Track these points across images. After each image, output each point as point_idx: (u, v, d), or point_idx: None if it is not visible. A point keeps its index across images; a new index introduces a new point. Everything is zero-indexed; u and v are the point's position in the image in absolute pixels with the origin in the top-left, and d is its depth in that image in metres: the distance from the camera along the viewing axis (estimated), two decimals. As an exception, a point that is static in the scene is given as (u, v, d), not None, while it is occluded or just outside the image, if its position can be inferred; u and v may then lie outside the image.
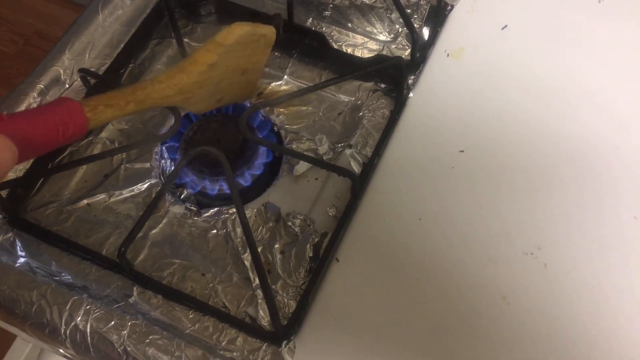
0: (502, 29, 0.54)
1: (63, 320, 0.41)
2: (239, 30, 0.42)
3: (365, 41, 0.55)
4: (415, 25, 0.55)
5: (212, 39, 0.42)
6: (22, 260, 0.44)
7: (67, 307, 0.41)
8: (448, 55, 0.53)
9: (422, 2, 0.56)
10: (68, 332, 0.41)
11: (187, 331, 0.41)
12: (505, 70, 0.52)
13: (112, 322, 0.40)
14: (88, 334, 0.40)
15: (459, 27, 0.54)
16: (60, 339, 0.41)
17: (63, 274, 0.43)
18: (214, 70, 0.43)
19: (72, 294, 0.41)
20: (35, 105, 0.49)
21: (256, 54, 0.46)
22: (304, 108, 0.52)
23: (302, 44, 0.55)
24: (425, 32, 0.54)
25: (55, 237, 0.45)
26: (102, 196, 0.48)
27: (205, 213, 0.47)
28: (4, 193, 0.45)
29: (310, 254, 0.45)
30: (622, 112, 0.50)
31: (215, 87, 0.44)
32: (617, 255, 0.43)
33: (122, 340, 0.40)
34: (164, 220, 0.47)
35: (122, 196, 0.48)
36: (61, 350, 0.43)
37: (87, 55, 0.52)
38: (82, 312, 0.41)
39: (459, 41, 0.53)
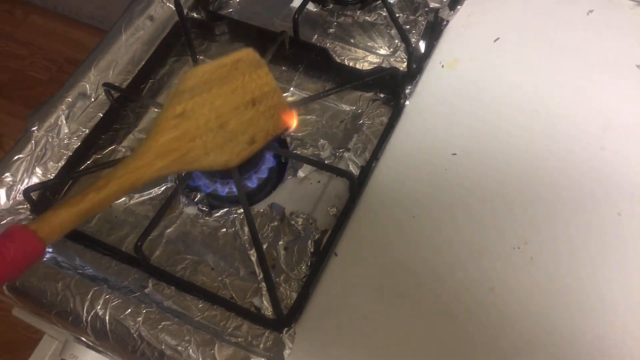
0: (495, 41, 0.57)
1: (85, 309, 0.45)
2: (195, 72, 0.41)
3: (366, 55, 0.59)
4: (412, 39, 0.59)
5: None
6: (48, 255, 0.48)
7: (89, 296, 0.45)
8: (443, 66, 0.56)
9: (420, 18, 0.60)
10: (89, 319, 0.45)
11: (197, 319, 0.44)
12: (498, 80, 0.55)
13: (129, 310, 0.44)
14: (107, 321, 0.44)
15: (453, 40, 0.58)
16: (82, 326, 0.45)
17: (86, 268, 0.47)
18: (192, 118, 0.40)
19: (93, 285, 0.45)
20: (63, 117, 0.54)
21: (253, 80, 0.44)
22: (308, 117, 0.56)
23: (308, 59, 0.59)
24: (422, 46, 0.58)
25: (80, 235, 0.49)
26: (122, 199, 0.53)
27: (215, 213, 0.51)
28: (34, 196, 0.50)
29: (312, 250, 0.48)
30: (609, 115, 0.52)
31: (221, 133, 0.42)
32: (600, 250, 0.46)
33: (137, 326, 0.44)
34: (179, 221, 0.51)
35: (141, 199, 0.53)
36: (83, 339, 0.47)
37: (111, 72, 0.57)
38: (102, 301, 0.45)
39: (454, 53, 0.57)
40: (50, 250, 0.48)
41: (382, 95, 0.57)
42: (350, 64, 0.58)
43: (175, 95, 0.40)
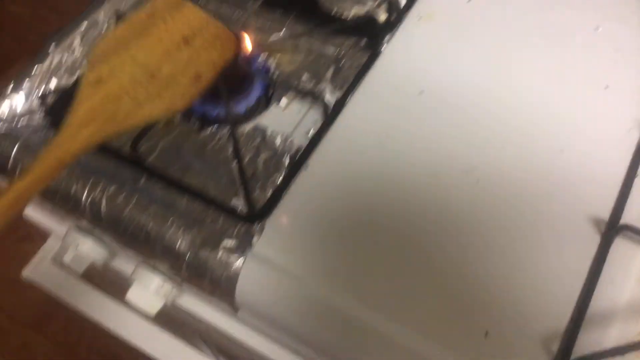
0: (468, 1, 0.64)
1: (84, 193, 0.52)
2: (106, 36, 0.43)
3: (354, 5, 0.65)
4: (396, -6, 0.65)
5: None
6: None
7: (89, 183, 0.52)
8: (420, 18, 0.63)
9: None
10: (88, 203, 0.52)
11: (181, 209, 0.51)
12: (466, 36, 0.61)
13: (122, 197, 0.51)
14: (103, 205, 0.51)
15: (432, -3, 0.64)
16: (81, 209, 0.52)
17: (89, 163, 0.54)
18: (111, 80, 0.41)
19: (93, 175, 0.52)
20: (78, 40, 0.61)
21: (178, 21, 0.44)
22: (294, 57, 0.63)
23: (299, 5, 0.66)
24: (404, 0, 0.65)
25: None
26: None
27: (206, 131, 0.58)
28: (50, 101, 0.57)
29: (287, 163, 0.55)
30: (562, 73, 0.58)
31: (154, 82, 0.42)
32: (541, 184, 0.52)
33: (128, 210, 0.50)
34: (173, 134, 0.58)
35: (141, 114, 0.59)
36: (83, 223, 0.54)
37: (123, 3, 0.64)
38: (99, 187, 0.52)
39: (431, 8, 0.63)
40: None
41: (363, 42, 0.63)
42: (338, 13, 0.65)
43: (88, 65, 0.42)
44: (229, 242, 0.48)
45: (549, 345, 0.44)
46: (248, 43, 0.55)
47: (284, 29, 0.65)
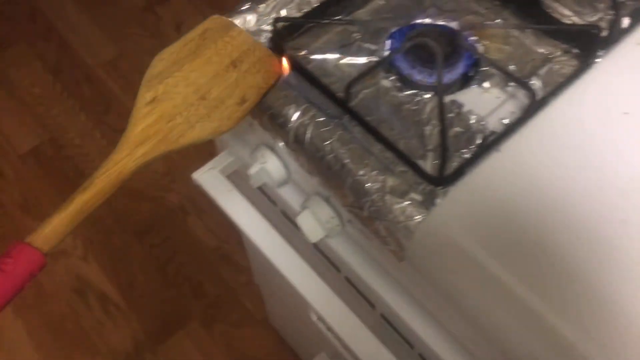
0: (695, 38, 0.62)
1: (295, 116, 0.56)
2: (160, 57, 0.44)
3: (575, 13, 0.66)
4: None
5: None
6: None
7: (302, 108, 0.56)
8: (638, 44, 0.62)
9: (629, 2, 0.66)
10: (295, 125, 0.56)
11: (375, 154, 0.55)
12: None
13: (328, 128, 0.56)
14: (308, 131, 0.56)
15: (656, 26, 0.64)
16: (287, 129, 0.57)
17: (305, 90, 0.59)
18: (166, 99, 0.43)
19: (308, 102, 0.57)
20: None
21: (227, 43, 0.45)
22: (504, 47, 0.65)
23: (519, 1, 0.67)
24: (626, 21, 0.64)
25: (305, 71, 0.60)
26: (335, 56, 0.64)
27: (405, 91, 0.61)
28: (279, 26, 0.62)
29: (478, 142, 0.57)
30: None
31: (204, 103, 0.44)
32: None
33: (330, 141, 0.55)
34: (373, 87, 0.62)
35: (350, 61, 0.63)
36: (280, 144, 0.59)
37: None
38: (310, 115, 0.56)
39: (653, 36, 0.63)
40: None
41: (575, 51, 0.64)
42: (557, 16, 0.66)
43: (145, 84, 0.43)
44: (415, 196, 0.52)
45: None
46: (287, 67, 0.54)
47: (500, 18, 0.67)
